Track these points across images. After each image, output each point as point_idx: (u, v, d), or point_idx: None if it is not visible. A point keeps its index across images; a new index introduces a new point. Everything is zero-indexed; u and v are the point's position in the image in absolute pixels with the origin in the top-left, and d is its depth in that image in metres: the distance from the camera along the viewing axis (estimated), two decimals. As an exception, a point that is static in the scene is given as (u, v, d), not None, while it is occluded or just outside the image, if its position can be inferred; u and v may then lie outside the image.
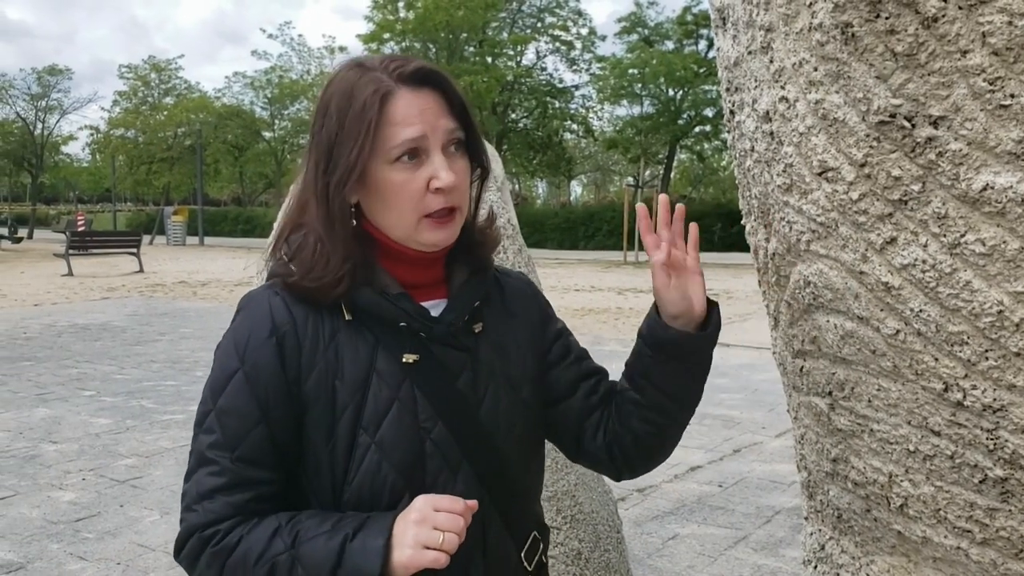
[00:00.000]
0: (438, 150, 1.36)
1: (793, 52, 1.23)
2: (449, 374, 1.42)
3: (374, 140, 1.33)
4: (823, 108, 1.21)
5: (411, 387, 1.38)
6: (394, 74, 1.36)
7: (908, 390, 1.29)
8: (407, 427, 1.36)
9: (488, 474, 1.44)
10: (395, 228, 1.40)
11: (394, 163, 1.35)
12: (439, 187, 1.34)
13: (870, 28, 1.10)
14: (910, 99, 1.10)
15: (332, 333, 1.38)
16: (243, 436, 1.34)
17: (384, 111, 1.34)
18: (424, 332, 1.40)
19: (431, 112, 1.36)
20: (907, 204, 1.16)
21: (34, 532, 5.06)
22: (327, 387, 1.36)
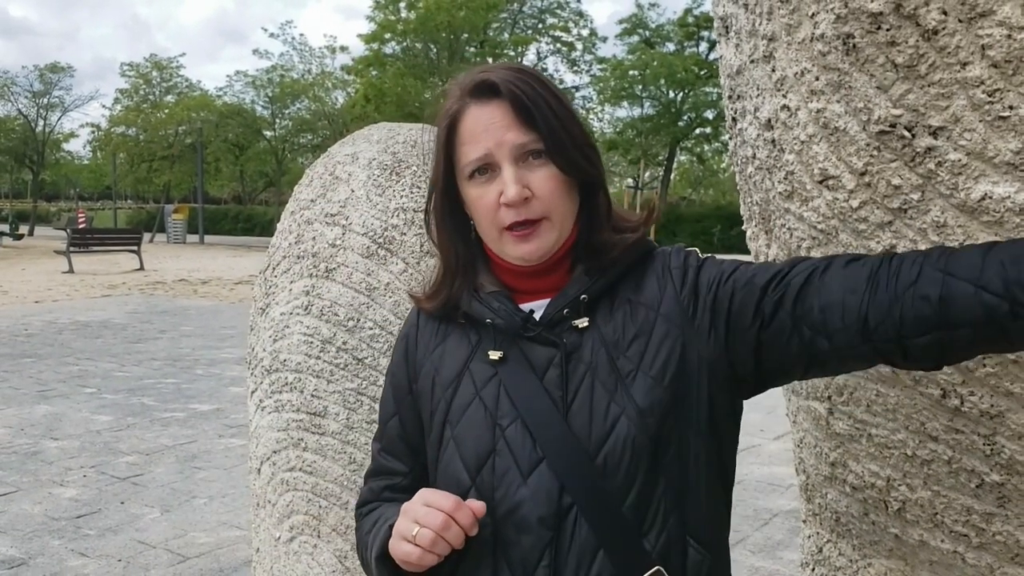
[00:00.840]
0: (508, 163, 1.32)
1: (795, 61, 1.25)
2: (533, 370, 1.36)
3: (450, 158, 1.37)
4: (824, 117, 1.23)
5: (497, 384, 1.37)
6: (465, 89, 1.36)
7: (906, 395, 1.31)
8: (480, 422, 1.36)
9: (574, 483, 1.29)
10: (488, 241, 1.40)
11: (470, 179, 1.36)
12: (504, 202, 1.32)
13: (871, 39, 1.13)
14: (910, 109, 1.12)
15: (443, 336, 1.45)
16: (384, 428, 1.51)
17: (455, 131, 1.36)
18: (506, 327, 1.38)
19: (497, 127, 1.33)
20: (907, 212, 1.18)
21: (35, 528, 5.08)
22: (430, 385, 1.43)
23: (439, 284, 1.45)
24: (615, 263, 1.39)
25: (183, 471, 6.18)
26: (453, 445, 1.37)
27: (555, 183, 1.33)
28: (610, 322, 1.36)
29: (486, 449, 1.34)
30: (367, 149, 2.57)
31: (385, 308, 2.35)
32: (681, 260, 1.39)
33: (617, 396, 1.30)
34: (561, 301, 1.37)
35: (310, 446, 2.40)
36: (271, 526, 2.54)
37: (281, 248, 2.59)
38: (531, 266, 1.38)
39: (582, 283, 1.38)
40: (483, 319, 1.39)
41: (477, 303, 1.40)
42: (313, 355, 2.40)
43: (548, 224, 1.34)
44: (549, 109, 1.33)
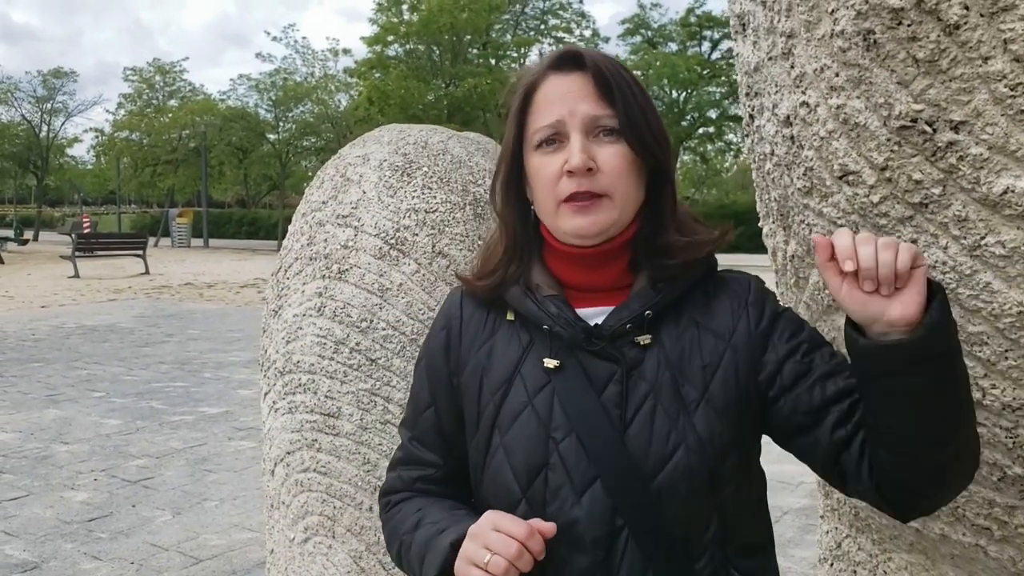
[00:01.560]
0: (578, 133, 1.29)
1: (814, 58, 1.26)
2: (592, 385, 1.30)
3: (522, 128, 1.35)
4: (844, 113, 1.23)
5: (551, 394, 1.31)
6: (547, 61, 1.36)
7: (927, 389, 1.31)
8: (534, 433, 1.30)
9: (628, 506, 1.26)
10: (544, 216, 1.36)
11: (536, 148, 1.33)
12: (568, 168, 1.28)
13: (892, 35, 1.13)
14: (931, 104, 1.13)
15: (491, 332, 1.41)
16: (418, 418, 1.47)
17: (529, 99, 1.34)
18: (566, 337, 1.32)
19: (573, 96, 1.30)
20: (928, 207, 1.19)
21: (48, 532, 5.10)
22: (476, 383, 1.38)
23: (496, 263, 1.40)
24: (679, 277, 1.34)
25: (194, 474, 6.19)
26: (503, 453, 1.32)
27: (623, 162, 1.30)
28: (677, 343, 1.31)
29: (539, 462, 1.30)
30: (378, 150, 2.58)
31: (398, 309, 2.35)
32: (760, 297, 1.35)
33: (679, 424, 1.26)
34: (624, 314, 1.31)
35: (324, 447, 2.41)
36: (285, 527, 2.55)
37: (293, 250, 2.60)
38: (586, 250, 1.33)
39: (646, 297, 1.32)
40: (540, 324, 1.34)
41: (532, 304, 1.35)
42: (326, 356, 2.40)
43: (608, 202, 1.29)
44: (629, 89, 1.31)
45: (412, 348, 2.32)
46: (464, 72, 37.68)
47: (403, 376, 2.32)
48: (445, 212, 2.43)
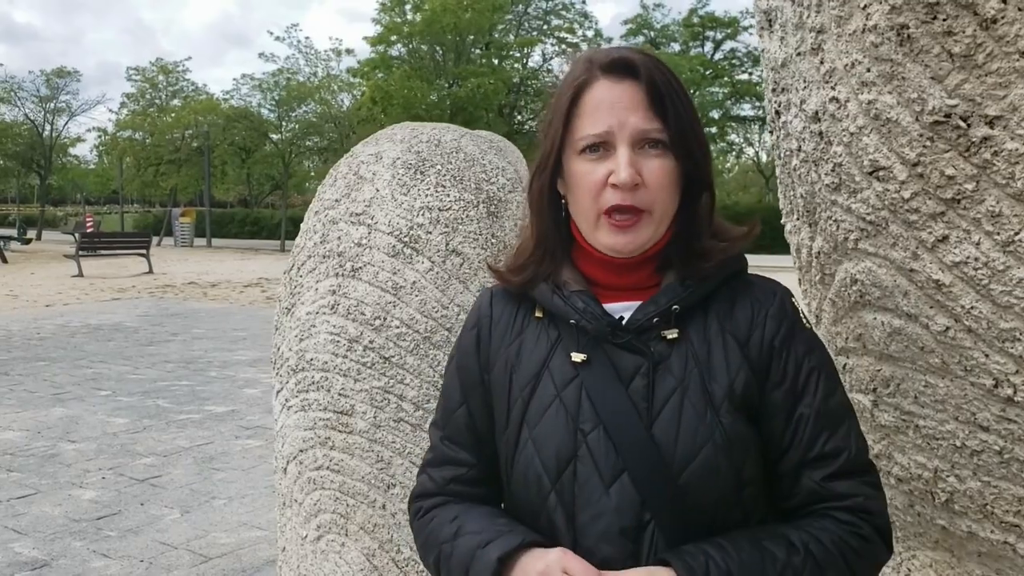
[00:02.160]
0: (626, 146, 1.27)
1: (845, 53, 1.25)
2: (619, 378, 1.31)
3: (565, 130, 1.32)
4: (875, 108, 1.23)
5: (578, 387, 1.32)
6: (598, 63, 1.31)
7: (957, 386, 1.31)
8: (562, 426, 1.31)
9: (655, 500, 1.27)
10: (581, 222, 1.35)
11: (580, 154, 1.31)
12: (614, 182, 1.27)
13: (927, 29, 1.13)
14: (966, 99, 1.12)
15: (520, 329, 1.42)
16: (449, 417, 1.47)
17: (577, 101, 1.31)
18: (593, 330, 1.33)
19: (623, 106, 1.28)
20: (960, 203, 1.18)
21: (57, 530, 5.09)
22: (505, 380, 1.39)
23: (528, 258, 1.41)
24: (703, 273, 1.34)
25: (201, 472, 6.18)
26: (532, 447, 1.33)
27: (667, 177, 1.29)
28: (704, 340, 1.32)
29: (567, 454, 1.30)
30: (391, 148, 2.58)
31: (411, 307, 2.35)
32: (780, 310, 1.35)
33: (707, 420, 1.27)
34: (651, 308, 1.32)
35: (337, 445, 2.40)
36: (298, 525, 2.54)
37: (306, 248, 2.59)
38: (619, 259, 1.34)
39: (674, 292, 1.33)
40: (567, 318, 1.34)
41: (559, 300, 1.35)
42: (340, 354, 2.40)
43: (648, 218, 1.30)
44: (679, 101, 1.30)
45: (426, 346, 2.32)
46: (467, 72, 37.68)
47: (417, 374, 2.32)
48: (459, 210, 2.43)
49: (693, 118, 1.31)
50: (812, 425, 1.29)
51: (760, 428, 1.31)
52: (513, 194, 2.58)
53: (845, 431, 1.30)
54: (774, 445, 1.31)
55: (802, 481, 1.30)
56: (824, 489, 1.28)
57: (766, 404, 1.30)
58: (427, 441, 2.28)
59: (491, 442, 1.43)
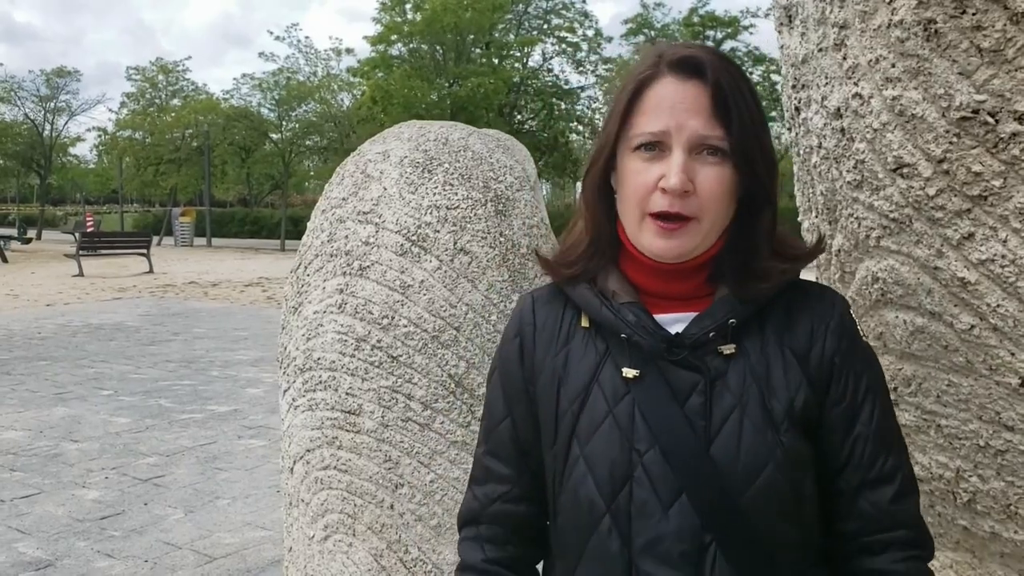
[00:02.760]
0: (681, 150, 1.20)
1: (869, 49, 1.24)
2: (674, 396, 1.25)
3: (622, 124, 1.27)
4: (900, 104, 1.21)
5: (631, 404, 1.26)
6: (666, 58, 1.25)
7: (981, 385, 1.29)
8: (617, 445, 1.25)
9: (716, 522, 1.22)
10: (626, 221, 1.29)
11: (635, 151, 1.24)
12: (664, 187, 1.20)
13: (955, 24, 1.11)
14: (995, 95, 1.11)
15: (566, 339, 1.35)
16: (492, 429, 1.42)
17: (639, 97, 1.25)
18: (644, 345, 1.27)
19: (684, 107, 1.21)
20: (987, 199, 1.17)
21: (60, 530, 5.08)
22: (552, 391, 1.33)
23: (579, 255, 1.35)
24: (758, 292, 1.28)
25: (205, 472, 6.17)
26: (584, 465, 1.27)
27: (722, 187, 1.23)
28: (761, 355, 1.26)
29: (622, 475, 1.25)
30: (398, 147, 2.57)
31: (419, 306, 2.33)
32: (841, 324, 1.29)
33: (767, 439, 1.22)
34: (707, 322, 1.26)
35: (344, 444, 2.39)
36: (304, 525, 2.53)
37: (313, 247, 2.58)
38: (665, 264, 1.27)
39: (731, 305, 1.27)
40: (617, 332, 1.28)
41: (608, 312, 1.29)
42: (347, 353, 2.39)
43: (696, 226, 1.23)
44: (747, 107, 1.22)
45: (434, 345, 2.30)
46: (467, 72, 37.66)
47: (425, 373, 2.30)
48: (467, 208, 2.41)
49: (760, 127, 1.24)
50: (871, 445, 1.25)
51: (816, 444, 1.26)
52: (521, 192, 2.57)
53: (899, 449, 1.28)
54: (830, 462, 1.27)
55: (859, 503, 1.26)
56: (883, 514, 1.25)
57: (824, 421, 1.26)
58: (435, 441, 2.28)
59: (536, 455, 1.38)
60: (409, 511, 2.32)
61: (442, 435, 2.32)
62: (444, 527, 2.31)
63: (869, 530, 1.26)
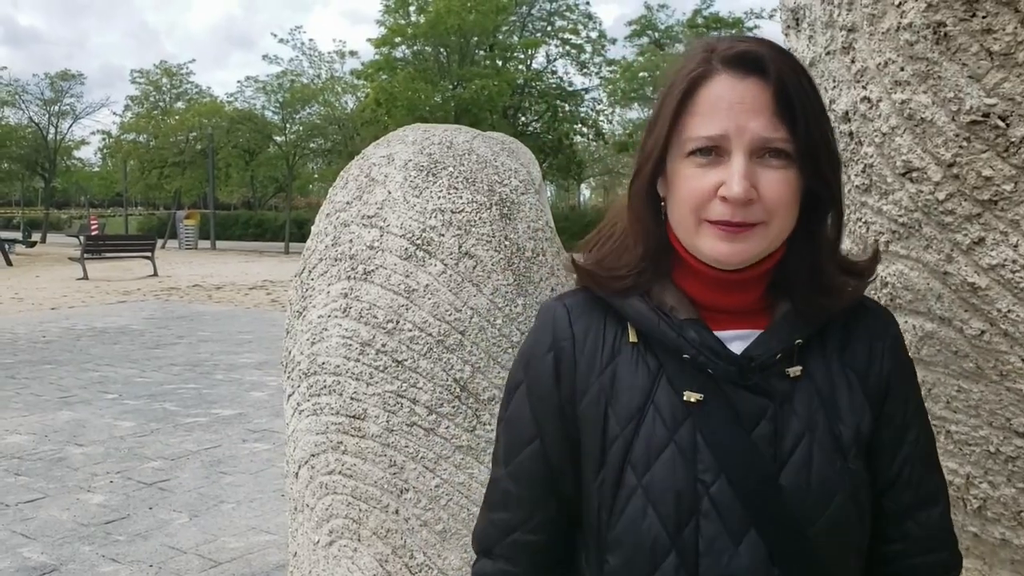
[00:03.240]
0: (742, 154, 1.10)
1: (878, 52, 1.23)
2: (741, 422, 1.15)
3: (672, 127, 1.15)
4: (909, 108, 1.20)
5: (692, 430, 1.15)
6: (721, 55, 1.13)
7: (991, 391, 1.28)
8: (681, 475, 1.14)
9: (785, 554, 1.14)
10: (679, 229, 1.18)
11: (687, 156, 1.14)
12: (725, 195, 1.10)
13: (965, 27, 1.10)
14: (1005, 98, 1.10)
15: (612, 354, 1.22)
16: (518, 451, 1.28)
17: (691, 96, 1.14)
18: (712, 368, 1.17)
19: (744, 108, 1.10)
20: (998, 204, 1.16)
21: (65, 534, 5.08)
22: (599, 412, 1.20)
23: (629, 266, 1.22)
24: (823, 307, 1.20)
25: (209, 476, 6.16)
26: (642, 495, 1.16)
27: (789, 192, 1.12)
28: (826, 376, 1.19)
29: (688, 507, 1.15)
30: (402, 150, 2.56)
31: (424, 310, 2.33)
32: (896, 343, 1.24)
33: (837, 467, 1.15)
34: (773, 342, 1.17)
35: (349, 449, 2.38)
36: (309, 530, 2.53)
37: (317, 251, 2.58)
38: (725, 273, 1.17)
39: (795, 323, 1.18)
40: (678, 352, 1.17)
41: (669, 329, 1.18)
42: (352, 358, 2.38)
43: (764, 229, 1.13)
44: (811, 106, 1.13)
45: (439, 349, 2.30)
46: (471, 74, 37.70)
47: (430, 378, 2.30)
48: (471, 212, 2.41)
49: (825, 126, 1.15)
50: (919, 465, 1.22)
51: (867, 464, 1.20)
52: (525, 196, 2.56)
53: (938, 465, 1.25)
54: (877, 483, 1.22)
55: (907, 525, 1.22)
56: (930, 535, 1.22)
57: (875, 441, 1.21)
58: (440, 445, 2.27)
59: (567, 481, 1.25)
60: (414, 516, 2.31)
61: (447, 440, 2.31)
62: (449, 532, 2.30)
63: (915, 551, 1.22)
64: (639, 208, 1.23)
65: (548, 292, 2.44)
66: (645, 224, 1.22)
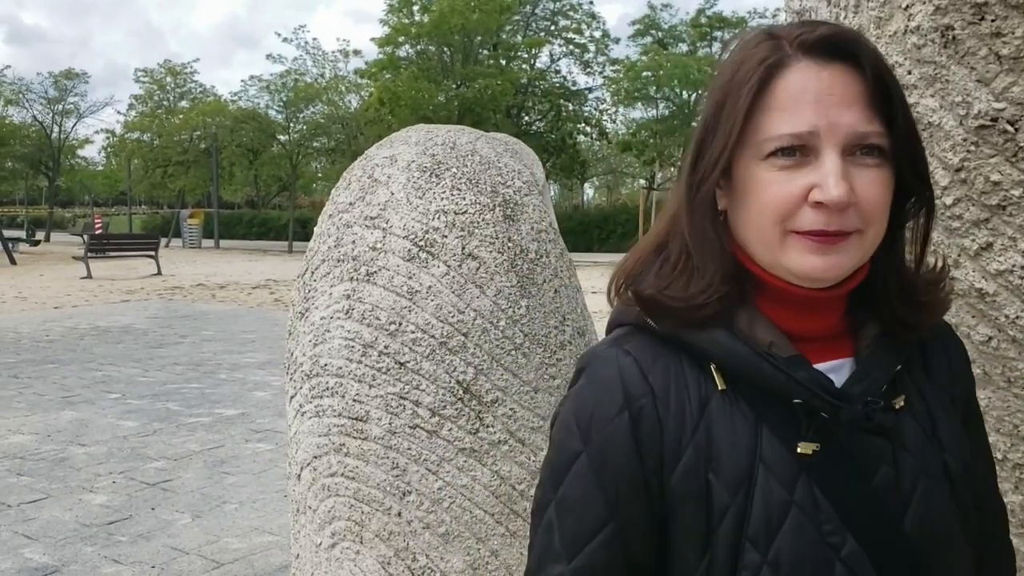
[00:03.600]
0: (834, 152, 0.95)
1: (885, 55, 1.22)
2: (862, 469, 1.00)
3: (745, 125, 0.98)
4: (916, 112, 1.19)
5: (809, 486, 0.98)
6: (796, 40, 0.98)
7: (999, 397, 1.27)
8: (810, 542, 0.97)
9: None
10: (757, 245, 1.01)
11: (765, 159, 0.97)
12: (820, 201, 0.94)
13: (973, 31, 1.09)
14: (1014, 103, 1.09)
15: (701, 406, 1.01)
16: (586, 540, 1.03)
17: (767, 89, 0.97)
18: (827, 412, 0.99)
19: (835, 100, 0.96)
20: (1006, 209, 1.15)
21: (67, 535, 5.08)
22: (699, 482, 1.00)
23: (706, 294, 1.02)
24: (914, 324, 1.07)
25: (212, 476, 6.16)
26: (769, 572, 0.97)
27: (885, 194, 0.99)
28: (922, 402, 1.07)
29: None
30: (405, 151, 2.55)
31: (427, 312, 2.32)
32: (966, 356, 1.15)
33: (951, 504, 1.04)
34: (878, 373, 1.02)
35: (352, 451, 2.38)
36: (312, 532, 2.52)
37: (320, 252, 2.57)
38: (817, 292, 1.01)
39: (889, 348, 1.04)
40: (787, 397, 0.99)
41: (773, 369, 0.99)
42: (354, 359, 2.37)
43: (858, 239, 0.98)
44: (903, 97, 1.00)
45: (442, 351, 2.29)
46: (475, 73, 37.74)
47: (432, 379, 2.29)
48: (474, 214, 2.40)
49: (912, 120, 1.02)
50: (989, 481, 1.15)
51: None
52: (529, 197, 2.55)
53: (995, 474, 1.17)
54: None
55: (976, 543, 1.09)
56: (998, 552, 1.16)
57: None
58: (442, 448, 2.26)
59: (648, 572, 1.04)
60: (417, 518, 2.31)
61: (450, 442, 2.30)
62: (452, 535, 2.30)
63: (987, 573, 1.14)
64: (704, 223, 1.04)
65: (551, 294, 2.43)
66: (714, 240, 1.03)
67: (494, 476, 2.28)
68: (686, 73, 39.64)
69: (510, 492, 2.28)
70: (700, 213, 1.03)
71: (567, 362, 2.38)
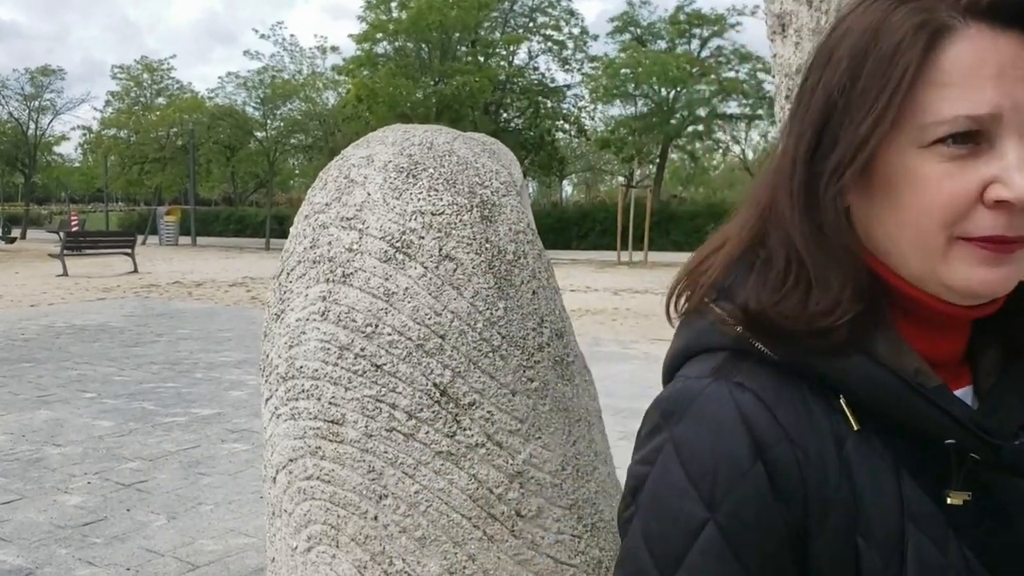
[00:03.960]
0: (1018, 138, 0.77)
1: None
2: (1009, 520, 0.85)
3: (902, 105, 0.79)
4: (895, 117, 1.19)
5: (957, 542, 0.82)
6: (962, 1, 0.78)
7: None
8: None
9: None
10: (910, 253, 0.82)
11: (929, 147, 0.79)
12: (1004, 199, 0.76)
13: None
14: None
15: (836, 449, 0.82)
16: None
17: (930, 59, 0.78)
18: (980, 453, 0.82)
19: (1019, 75, 0.77)
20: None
21: (41, 537, 5.03)
22: (848, 546, 0.81)
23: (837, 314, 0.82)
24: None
25: (188, 477, 6.12)
26: None
27: None
28: None
29: None
30: (382, 151, 2.54)
31: (404, 313, 2.31)
32: None
33: None
34: (1015, 400, 0.87)
35: (328, 454, 2.36)
36: (287, 536, 2.50)
37: (296, 253, 2.55)
38: (963, 310, 0.85)
39: (1018, 373, 0.90)
40: (939, 436, 0.82)
41: (924, 403, 0.81)
42: (330, 362, 2.36)
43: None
44: None
45: (418, 353, 2.27)
46: (453, 70, 37.71)
47: (409, 382, 2.27)
48: (452, 214, 2.39)
49: None
50: None
51: None
52: (507, 197, 2.54)
53: None
54: None
55: None
56: None
57: None
58: (419, 451, 2.25)
59: None
60: (393, 522, 2.29)
61: (427, 445, 2.29)
62: (428, 539, 2.29)
63: None
64: (834, 227, 0.84)
65: (529, 296, 2.42)
66: (844, 249, 0.84)
67: (471, 480, 2.27)
68: (664, 70, 39.77)
69: (487, 496, 2.27)
70: (833, 210, 0.83)
71: (545, 364, 2.37)
